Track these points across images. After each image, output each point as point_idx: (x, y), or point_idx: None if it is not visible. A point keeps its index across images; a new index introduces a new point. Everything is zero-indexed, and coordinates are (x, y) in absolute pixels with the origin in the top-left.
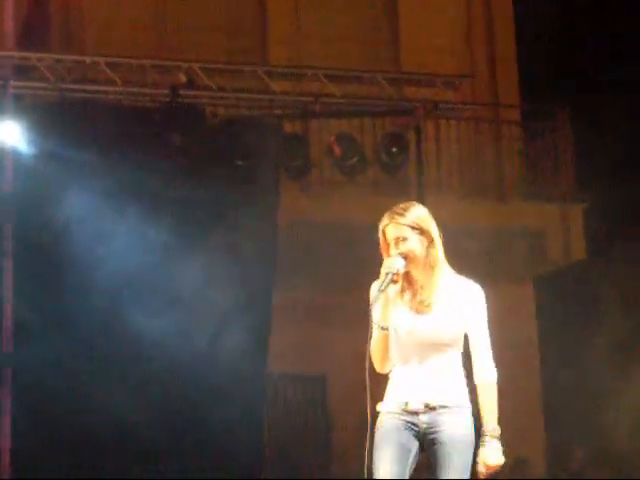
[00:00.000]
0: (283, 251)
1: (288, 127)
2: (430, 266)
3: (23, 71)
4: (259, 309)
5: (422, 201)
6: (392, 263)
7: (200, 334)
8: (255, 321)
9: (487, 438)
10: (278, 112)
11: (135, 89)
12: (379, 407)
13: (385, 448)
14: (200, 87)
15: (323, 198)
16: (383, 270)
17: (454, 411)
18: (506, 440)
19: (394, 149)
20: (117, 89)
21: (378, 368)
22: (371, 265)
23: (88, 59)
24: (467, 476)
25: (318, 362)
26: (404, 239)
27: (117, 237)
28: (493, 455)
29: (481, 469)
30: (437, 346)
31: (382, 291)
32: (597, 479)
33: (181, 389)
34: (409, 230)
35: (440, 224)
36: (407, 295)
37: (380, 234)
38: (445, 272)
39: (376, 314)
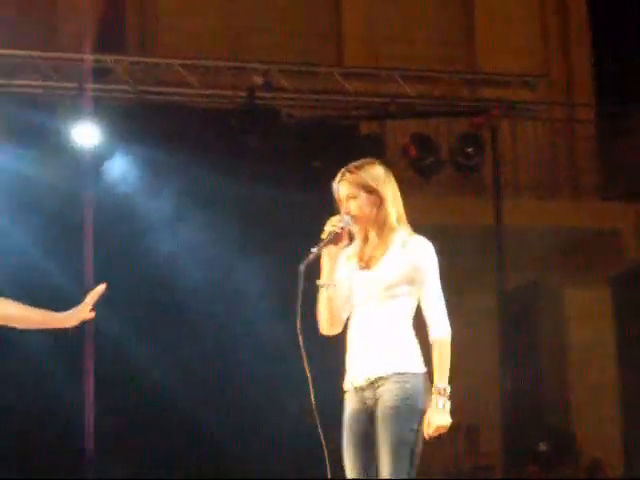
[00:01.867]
0: None
1: (364, 128)
2: (380, 225)
3: (99, 74)
4: None
5: (499, 202)
6: (336, 222)
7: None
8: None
9: (433, 397)
10: (354, 113)
11: (211, 91)
12: (344, 385)
13: (347, 445)
14: (276, 89)
15: None
16: (326, 228)
17: (392, 380)
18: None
19: (470, 149)
20: (193, 91)
21: (322, 329)
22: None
23: (164, 61)
24: (406, 448)
25: None
26: (353, 197)
27: (192, 236)
28: (438, 415)
29: (426, 429)
30: (380, 299)
31: (320, 249)
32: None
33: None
34: (358, 188)
35: (517, 224)
36: (361, 253)
37: (334, 191)
38: (399, 232)
39: (323, 274)
